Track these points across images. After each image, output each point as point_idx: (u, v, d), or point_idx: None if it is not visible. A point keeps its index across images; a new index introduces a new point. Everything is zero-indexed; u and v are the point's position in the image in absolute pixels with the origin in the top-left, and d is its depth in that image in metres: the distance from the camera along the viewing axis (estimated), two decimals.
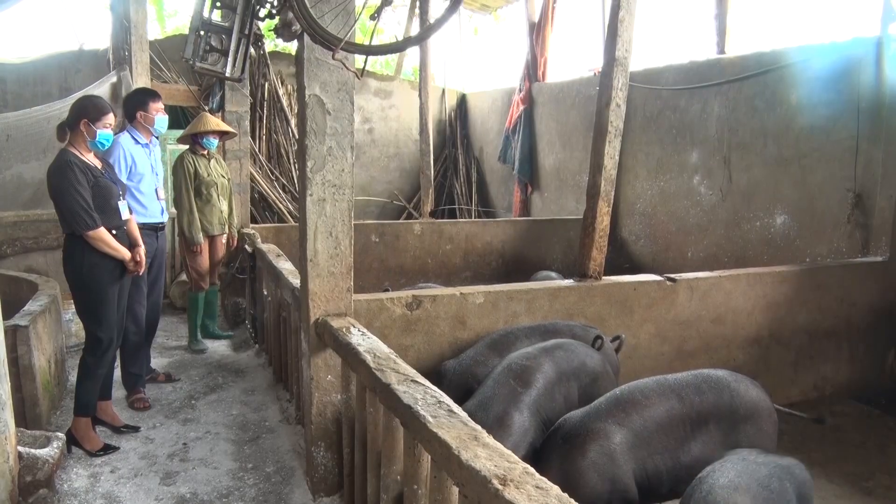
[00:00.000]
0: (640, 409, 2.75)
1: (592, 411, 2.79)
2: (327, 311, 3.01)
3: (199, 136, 5.19)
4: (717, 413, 2.83)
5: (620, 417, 2.71)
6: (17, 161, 6.02)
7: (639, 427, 2.71)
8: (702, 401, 2.83)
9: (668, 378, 2.95)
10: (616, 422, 2.70)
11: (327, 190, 2.92)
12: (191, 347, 5.34)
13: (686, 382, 2.90)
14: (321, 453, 3.07)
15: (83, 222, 3.35)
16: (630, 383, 2.96)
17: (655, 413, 2.75)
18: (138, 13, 6.61)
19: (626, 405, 2.77)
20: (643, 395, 2.81)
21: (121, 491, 3.19)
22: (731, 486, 2.25)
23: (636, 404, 2.77)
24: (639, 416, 2.73)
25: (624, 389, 2.90)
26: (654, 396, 2.80)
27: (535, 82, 8.79)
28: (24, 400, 3.63)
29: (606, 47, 4.14)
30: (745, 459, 2.44)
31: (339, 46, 2.35)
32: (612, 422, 2.70)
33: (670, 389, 2.85)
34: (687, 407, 2.80)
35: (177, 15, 13.34)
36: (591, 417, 2.74)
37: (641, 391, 2.84)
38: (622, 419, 2.71)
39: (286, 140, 9.03)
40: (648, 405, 2.77)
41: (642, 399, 2.79)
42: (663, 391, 2.84)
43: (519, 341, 3.56)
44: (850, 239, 4.95)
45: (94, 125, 3.44)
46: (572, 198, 8.07)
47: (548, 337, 3.57)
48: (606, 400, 2.85)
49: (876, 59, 4.72)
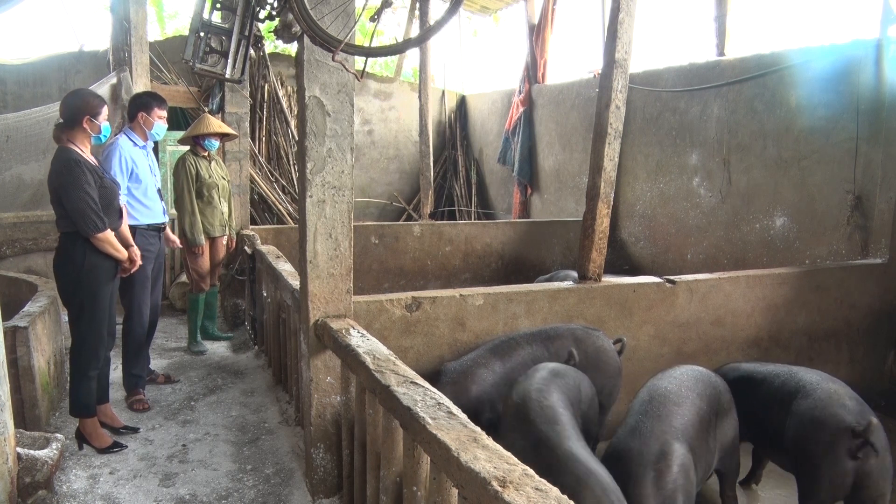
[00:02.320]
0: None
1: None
2: (327, 312, 3.01)
3: (201, 137, 5.19)
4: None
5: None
6: (17, 162, 6.01)
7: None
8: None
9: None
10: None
11: (327, 191, 2.92)
12: (190, 349, 5.34)
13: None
14: (320, 455, 3.06)
15: (92, 224, 3.31)
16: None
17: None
18: (138, 14, 6.61)
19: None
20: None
21: (120, 492, 3.19)
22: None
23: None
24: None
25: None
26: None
27: (535, 84, 8.80)
28: (23, 401, 3.62)
29: (606, 49, 4.14)
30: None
31: (339, 48, 2.35)
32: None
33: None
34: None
35: (177, 16, 13.37)
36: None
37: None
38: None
39: (286, 141, 9.04)
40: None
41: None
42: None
43: (521, 347, 3.56)
44: (850, 241, 4.95)
45: (95, 120, 3.40)
46: (572, 199, 8.07)
47: (549, 341, 3.59)
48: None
49: (875, 60, 4.72)
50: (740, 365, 3.67)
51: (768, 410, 3.29)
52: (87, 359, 3.51)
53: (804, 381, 3.23)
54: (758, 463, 3.74)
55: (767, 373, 3.45)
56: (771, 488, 3.76)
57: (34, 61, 8.62)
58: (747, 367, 3.60)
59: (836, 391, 3.11)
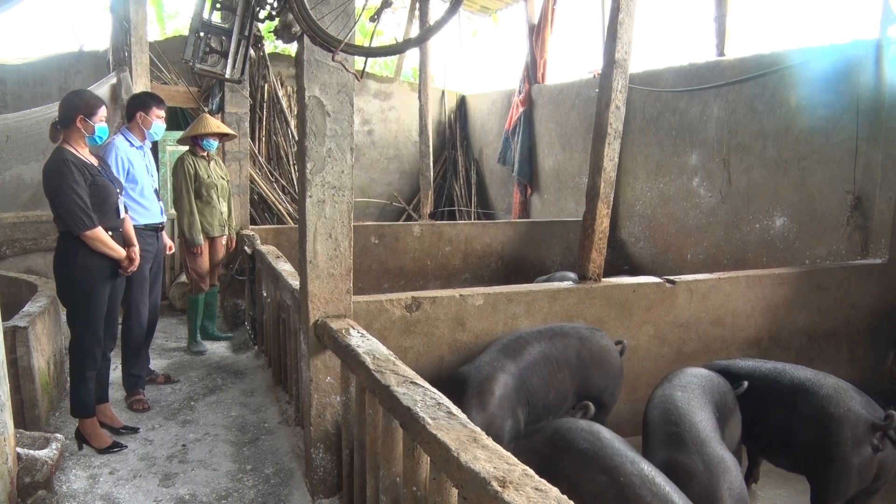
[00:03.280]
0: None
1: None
2: (327, 312, 3.01)
3: (200, 137, 5.19)
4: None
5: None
6: (17, 162, 6.01)
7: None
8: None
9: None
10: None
11: (327, 191, 2.92)
12: (190, 349, 5.34)
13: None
14: (320, 455, 3.06)
15: (80, 222, 3.32)
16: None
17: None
18: (138, 14, 6.61)
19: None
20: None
21: (120, 492, 3.19)
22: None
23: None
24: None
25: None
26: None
27: (535, 84, 8.80)
28: (23, 401, 3.62)
29: (606, 49, 4.14)
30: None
31: (339, 48, 2.35)
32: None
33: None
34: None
35: (177, 16, 13.37)
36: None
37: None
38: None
39: (286, 142, 9.03)
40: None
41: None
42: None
43: (529, 345, 3.51)
44: (850, 241, 4.95)
45: (90, 120, 3.40)
46: (572, 199, 8.07)
47: (555, 339, 3.57)
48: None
49: (875, 61, 4.72)
50: (719, 363, 3.66)
51: (767, 411, 3.28)
52: (82, 359, 3.51)
53: (799, 378, 3.23)
54: (753, 461, 3.74)
55: (752, 370, 3.45)
56: (771, 488, 3.76)
57: (34, 61, 8.62)
58: (724, 364, 3.59)
59: (841, 386, 3.12)
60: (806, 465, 3.16)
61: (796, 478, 3.38)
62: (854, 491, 3.03)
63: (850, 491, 3.01)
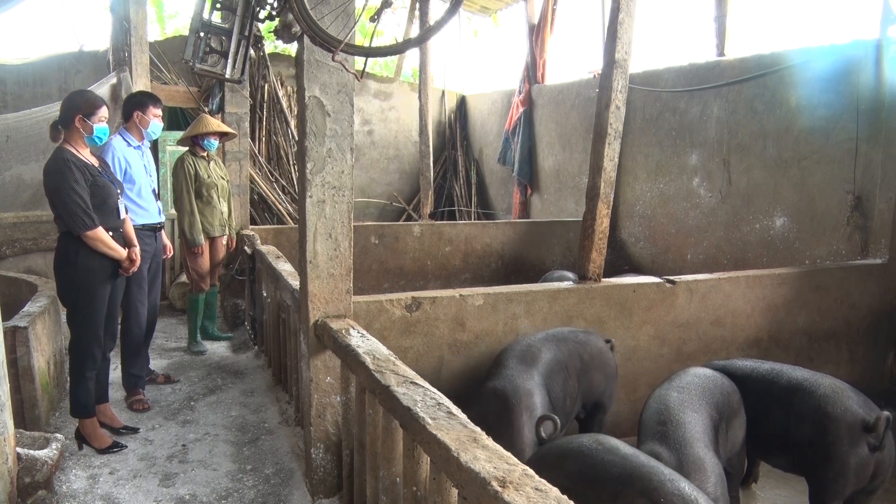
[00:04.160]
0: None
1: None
2: (327, 312, 3.01)
3: (200, 137, 5.19)
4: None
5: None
6: (17, 162, 6.01)
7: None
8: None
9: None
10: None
11: (327, 191, 2.92)
12: (190, 349, 5.34)
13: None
14: (320, 455, 3.06)
15: (81, 222, 3.32)
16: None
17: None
18: (138, 14, 6.61)
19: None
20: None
21: (120, 492, 3.19)
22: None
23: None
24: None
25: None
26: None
27: (535, 84, 8.80)
28: (23, 401, 3.62)
29: (606, 49, 4.14)
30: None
31: (339, 48, 2.35)
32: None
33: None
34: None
35: (177, 16, 13.37)
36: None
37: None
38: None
39: (286, 142, 9.03)
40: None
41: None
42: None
43: (541, 353, 3.41)
44: (850, 241, 4.95)
45: (89, 120, 3.40)
46: (572, 200, 8.07)
47: (560, 344, 3.53)
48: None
49: (875, 61, 4.72)
50: (717, 363, 3.64)
51: (765, 411, 3.28)
52: (81, 359, 3.51)
53: (797, 378, 3.23)
54: (752, 461, 3.74)
55: (750, 370, 3.44)
56: (771, 488, 3.76)
57: (34, 61, 8.61)
58: (721, 365, 3.58)
59: (838, 385, 3.13)
60: (804, 464, 3.17)
61: (796, 478, 3.37)
62: (852, 490, 3.03)
63: (848, 490, 3.01)
